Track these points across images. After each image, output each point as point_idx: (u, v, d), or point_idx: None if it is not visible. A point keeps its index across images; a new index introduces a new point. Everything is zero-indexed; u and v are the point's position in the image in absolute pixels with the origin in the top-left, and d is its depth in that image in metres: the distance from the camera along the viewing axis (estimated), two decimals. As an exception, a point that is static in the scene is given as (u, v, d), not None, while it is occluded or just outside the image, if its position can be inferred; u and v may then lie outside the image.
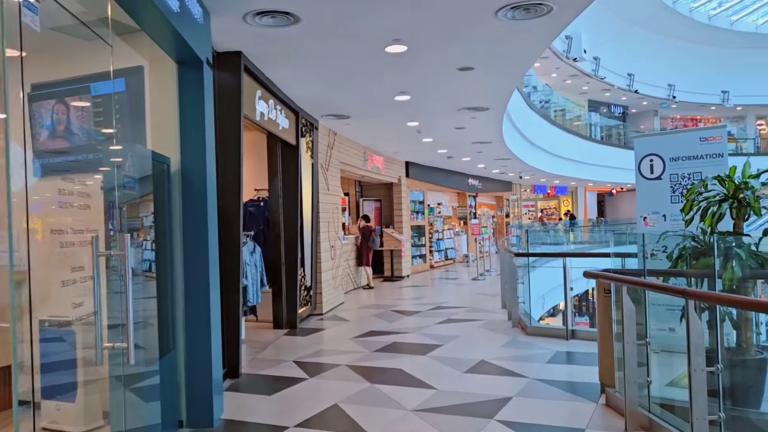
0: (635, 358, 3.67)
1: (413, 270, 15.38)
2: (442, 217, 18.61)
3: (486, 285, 12.49)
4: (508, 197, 25.31)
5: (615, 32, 23.57)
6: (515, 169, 18.14)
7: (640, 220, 5.55)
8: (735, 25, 27.37)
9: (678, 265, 4.07)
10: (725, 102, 29.39)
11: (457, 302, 9.73)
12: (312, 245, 8.43)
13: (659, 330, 4.16)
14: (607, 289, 4.26)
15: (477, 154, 13.82)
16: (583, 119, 26.26)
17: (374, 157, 12.31)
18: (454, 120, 9.02)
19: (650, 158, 5.46)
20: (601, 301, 4.36)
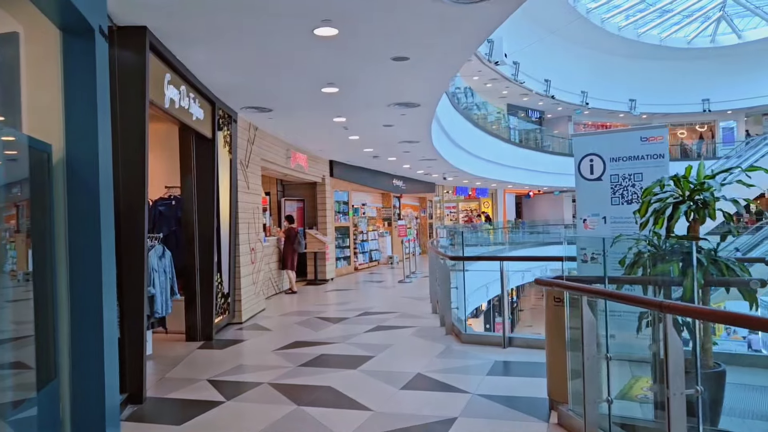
0: (596, 374, 3.35)
1: (338, 273, 14.86)
2: (366, 218, 18.21)
3: (413, 288, 12.17)
4: (431, 198, 25.31)
5: (533, 38, 24.12)
6: (440, 170, 18.04)
7: (580, 222, 5.33)
8: (642, 37, 28.83)
9: (632, 271, 3.81)
10: (632, 110, 30.92)
11: (385, 307, 9.31)
12: (230, 248, 7.73)
13: (616, 341, 3.90)
14: (558, 298, 3.95)
15: (403, 154, 13.51)
16: (503, 123, 26.75)
17: (297, 154, 11.69)
18: (383, 117, 8.60)
19: (590, 158, 5.25)
20: (551, 310, 4.04)
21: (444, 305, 7.17)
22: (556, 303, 3.97)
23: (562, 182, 28.58)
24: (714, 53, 29.74)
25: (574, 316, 3.62)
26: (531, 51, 24.39)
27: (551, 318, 4.03)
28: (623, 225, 5.07)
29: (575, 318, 3.55)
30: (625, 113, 31.06)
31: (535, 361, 5.31)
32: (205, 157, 6.90)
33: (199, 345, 6.63)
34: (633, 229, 5.05)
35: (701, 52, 29.84)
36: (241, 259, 8.21)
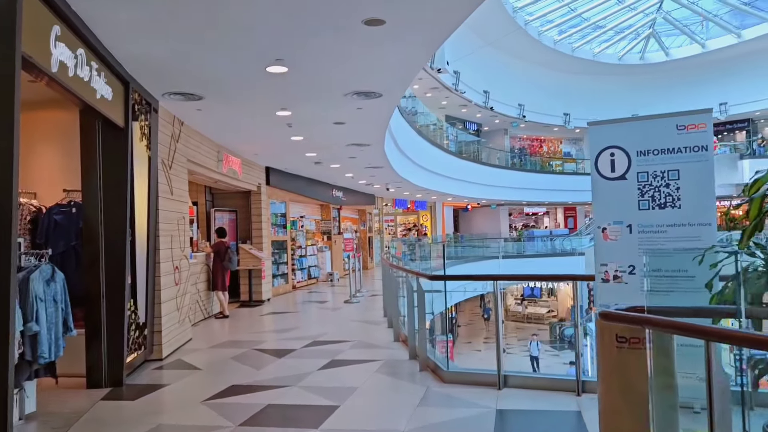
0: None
1: (274, 292, 13.36)
2: (304, 232, 16.80)
3: (362, 309, 10.91)
4: (371, 211, 24.17)
5: (472, 48, 23.65)
6: (384, 179, 16.93)
7: (598, 231, 4.29)
8: (576, 51, 29.09)
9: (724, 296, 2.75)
10: (567, 124, 31.14)
11: (336, 334, 7.99)
12: (148, 267, 6.22)
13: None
14: (624, 337, 2.83)
15: (349, 161, 12.28)
16: (444, 134, 26.06)
17: (231, 158, 10.22)
18: (337, 111, 7.35)
19: (611, 152, 4.23)
20: (611, 353, 2.91)
21: (413, 333, 5.96)
22: (620, 344, 2.85)
23: (500, 195, 28.26)
24: (643, 70, 30.46)
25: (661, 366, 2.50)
26: (470, 61, 23.93)
27: (612, 365, 2.90)
28: (655, 235, 4.07)
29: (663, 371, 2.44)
30: (560, 127, 31.28)
31: (545, 409, 4.21)
32: (115, 150, 5.40)
33: (105, 394, 5.09)
34: (669, 240, 4.06)
35: (631, 69, 30.50)
36: (163, 281, 6.69)
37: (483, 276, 6.76)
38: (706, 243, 3.90)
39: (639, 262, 4.13)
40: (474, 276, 6.31)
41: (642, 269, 4.09)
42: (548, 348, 25.31)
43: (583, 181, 31.41)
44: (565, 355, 23.61)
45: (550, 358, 23.21)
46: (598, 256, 4.29)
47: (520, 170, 29.69)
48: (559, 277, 4.76)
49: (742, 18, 26.06)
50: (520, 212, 36.17)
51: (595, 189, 4.32)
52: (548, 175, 30.81)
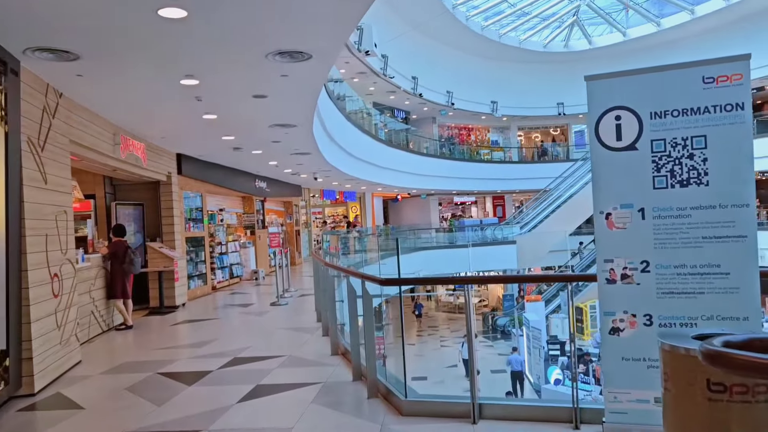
0: None
1: (191, 295, 11.85)
2: (225, 226, 15.26)
3: (291, 312, 9.67)
4: (297, 203, 22.78)
5: (398, 32, 22.70)
6: (312, 168, 15.66)
7: (599, 217, 3.32)
8: (503, 38, 28.78)
9: None
10: (494, 112, 30.88)
11: (263, 347, 6.74)
12: (9, 276, 4.74)
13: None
14: (720, 384, 1.83)
15: (273, 146, 10.93)
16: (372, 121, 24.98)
17: (131, 141, 8.67)
18: (256, 79, 6.07)
19: (616, 114, 3.26)
20: (697, 407, 1.90)
21: (357, 348, 4.84)
22: (716, 393, 1.84)
23: (430, 184, 27.58)
24: (567, 58, 30.62)
25: None
26: (399, 47, 22.98)
27: (699, 424, 1.89)
28: (676, 221, 3.14)
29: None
30: (487, 115, 30.98)
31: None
32: (-56, 122, 3.92)
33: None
34: (694, 227, 3.14)
35: (556, 56, 30.58)
36: (33, 293, 5.21)
37: (450, 279, 5.69)
38: (742, 230, 3.03)
39: (654, 256, 3.19)
40: (439, 279, 5.24)
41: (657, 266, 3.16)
42: (482, 339, 24.96)
43: (511, 169, 31.41)
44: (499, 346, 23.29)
45: (484, 349, 22.81)
46: (601, 249, 3.32)
47: (450, 159, 29.15)
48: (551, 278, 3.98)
49: (661, 6, 26.55)
50: (449, 202, 35.78)
51: (596, 163, 3.34)
52: (477, 164, 30.49)
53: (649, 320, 3.23)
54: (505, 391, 17.54)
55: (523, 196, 33.91)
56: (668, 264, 3.17)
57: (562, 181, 26.79)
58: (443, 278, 5.40)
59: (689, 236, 3.12)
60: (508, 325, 25.20)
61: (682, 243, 3.14)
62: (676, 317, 3.17)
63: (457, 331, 26.48)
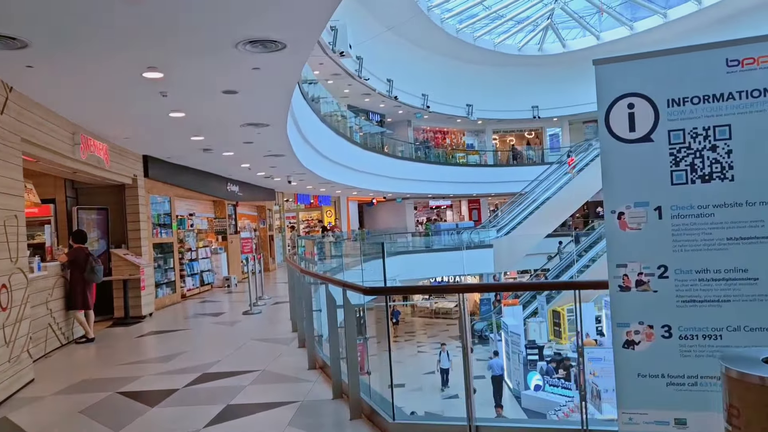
0: None
1: (159, 304, 11.27)
2: (195, 232, 14.68)
3: (265, 321, 9.21)
4: (271, 207, 22.22)
5: (373, 33, 22.39)
6: (285, 171, 15.18)
7: (611, 217, 2.98)
8: (478, 41, 28.69)
9: None
10: (470, 115, 30.76)
11: (235, 361, 6.28)
12: (-54, 291, 4.22)
13: None
14: None
15: (245, 148, 10.45)
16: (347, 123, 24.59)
17: (92, 141, 8.12)
18: (226, 70, 5.62)
19: (628, 101, 2.93)
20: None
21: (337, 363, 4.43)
22: None
23: (405, 188, 27.28)
24: (541, 61, 30.70)
25: None
26: (374, 49, 22.66)
27: None
28: (697, 221, 2.81)
29: None
30: (463, 118, 30.85)
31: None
32: None
33: None
34: (717, 227, 2.82)
35: (530, 60, 30.62)
36: (-24, 307, 4.68)
37: (443, 288, 5.22)
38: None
39: (673, 260, 2.87)
40: (431, 288, 4.81)
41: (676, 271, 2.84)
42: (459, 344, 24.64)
43: (487, 172, 31.28)
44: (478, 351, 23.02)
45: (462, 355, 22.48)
46: (612, 253, 2.98)
47: (425, 162, 28.90)
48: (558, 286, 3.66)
49: (634, 10, 26.75)
50: (425, 206, 35.55)
51: (607, 156, 3.00)
52: (452, 167, 30.31)
53: (668, 332, 2.90)
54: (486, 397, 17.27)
55: (499, 200, 33.86)
56: (689, 269, 2.84)
57: (538, 184, 26.76)
58: (435, 287, 4.98)
59: (712, 237, 2.80)
60: (486, 330, 24.97)
61: (705, 245, 2.81)
62: (698, 328, 2.85)
63: (434, 337, 26.16)
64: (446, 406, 15.99)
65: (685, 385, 2.88)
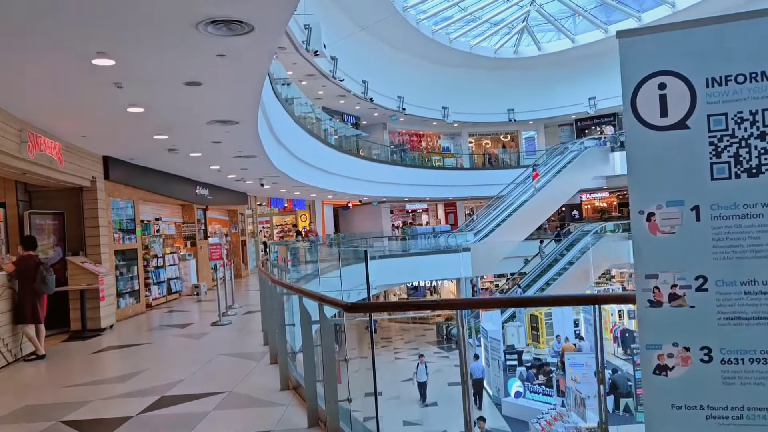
0: None
1: (121, 315, 10.55)
2: (162, 237, 13.95)
3: (236, 333, 8.60)
4: (243, 211, 21.50)
5: (347, 33, 21.90)
6: (257, 173, 14.55)
7: (638, 218, 2.51)
8: (453, 43, 28.40)
9: None
10: (446, 117, 30.46)
11: (199, 380, 5.68)
12: None
13: None
14: None
15: (213, 147, 9.83)
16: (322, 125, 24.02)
17: (42, 139, 7.43)
18: (187, 56, 5.04)
19: (659, 81, 2.47)
20: None
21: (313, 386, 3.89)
22: None
23: (381, 191, 26.81)
24: (517, 64, 30.57)
25: None
26: (348, 49, 22.17)
27: None
28: (743, 222, 2.36)
29: None
30: (439, 121, 30.53)
31: None
32: None
33: None
34: (766, 229, 2.39)
35: (506, 62, 30.46)
36: None
37: (437, 303, 4.54)
38: (831, 232, 2.28)
39: (713, 270, 2.41)
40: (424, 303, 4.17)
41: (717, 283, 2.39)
42: (436, 350, 24.30)
43: (463, 176, 30.96)
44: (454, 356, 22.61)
45: (439, 361, 22.11)
46: (640, 261, 2.51)
47: (401, 165, 28.47)
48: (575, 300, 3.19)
49: (608, 13, 26.76)
50: (401, 209, 35.13)
51: (633, 147, 2.52)
52: (429, 171, 29.95)
53: (708, 355, 2.44)
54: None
55: (475, 203, 33.62)
56: (732, 280, 2.38)
57: (515, 187, 26.56)
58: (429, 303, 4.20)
59: (761, 242, 2.34)
60: (463, 335, 24.52)
61: (752, 251, 2.36)
62: (744, 350, 2.39)
63: (411, 342, 25.72)
64: (424, 416, 15.52)
65: (729, 419, 2.43)
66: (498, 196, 26.50)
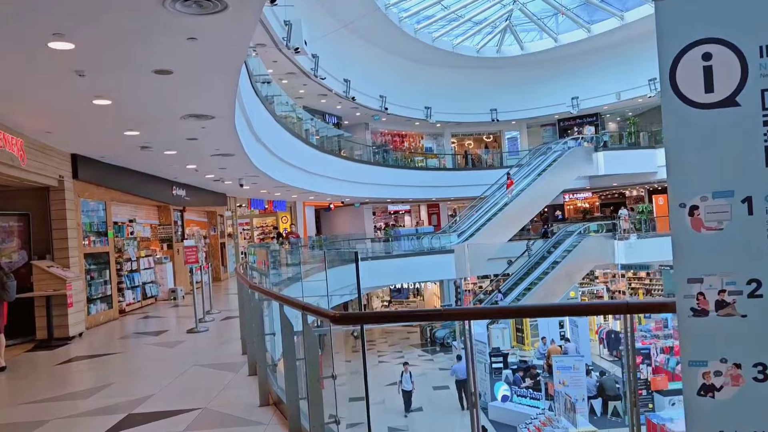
0: None
1: (92, 322, 10.00)
2: (136, 240, 13.38)
3: (213, 341, 8.12)
4: (222, 213, 20.93)
5: (328, 30, 21.45)
6: (237, 172, 14.04)
7: (678, 212, 2.14)
8: (436, 42, 28.11)
9: None
10: (428, 117, 30.15)
11: (171, 394, 5.21)
12: None
13: None
14: None
15: (188, 144, 9.33)
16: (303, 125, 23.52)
17: (3, 135, 6.89)
18: (155, 43, 4.59)
19: (703, 51, 2.10)
20: None
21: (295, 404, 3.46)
22: None
23: (364, 192, 26.39)
24: (500, 63, 30.39)
25: None
26: (329, 47, 21.73)
27: None
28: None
29: None
30: (421, 121, 30.20)
31: None
32: None
33: None
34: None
35: (489, 62, 30.26)
36: None
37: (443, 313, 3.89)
38: None
39: (769, 272, 2.05)
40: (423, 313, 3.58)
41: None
42: (421, 352, 23.97)
43: (446, 176, 30.63)
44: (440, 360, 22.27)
45: (424, 364, 21.77)
46: (681, 262, 2.14)
47: (384, 166, 28.06)
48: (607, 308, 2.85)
49: (591, 13, 26.66)
50: (383, 211, 34.75)
51: (672, 127, 2.15)
52: (411, 171, 29.59)
53: (763, 372, 2.07)
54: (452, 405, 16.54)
55: (458, 204, 33.37)
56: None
57: (498, 188, 26.32)
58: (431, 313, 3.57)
59: None
60: (448, 337, 24.28)
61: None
62: (806, 367, 2.03)
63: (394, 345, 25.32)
64: (410, 421, 15.13)
65: (788, 447, 2.08)
66: (481, 197, 26.24)
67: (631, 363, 2.20)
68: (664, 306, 2.37)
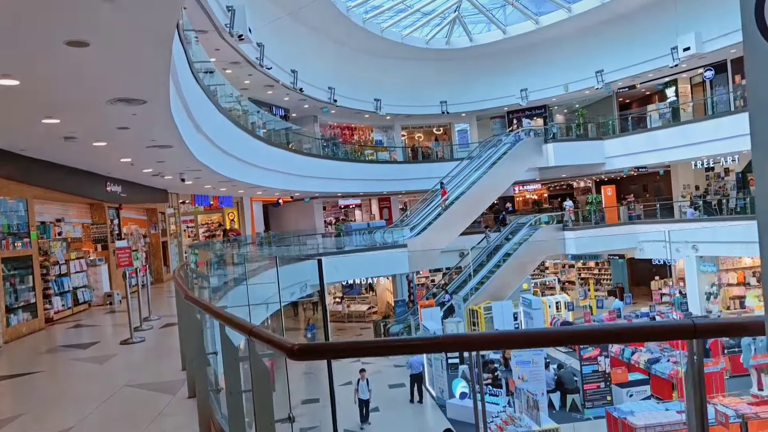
0: None
1: (13, 334, 8.92)
2: (66, 241, 12.22)
3: (150, 355, 7.26)
4: (164, 210, 19.72)
5: (272, 17, 20.51)
6: (177, 166, 13.03)
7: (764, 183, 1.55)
8: (385, 32, 27.52)
9: None
10: (378, 110, 29.54)
11: (93, 426, 4.40)
12: None
13: None
14: None
15: (119, 135, 8.36)
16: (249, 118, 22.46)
17: None
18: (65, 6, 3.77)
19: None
20: None
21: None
22: None
23: (314, 187, 25.58)
24: (449, 55, 30.08)
25: None
26: (276, 36, 20.79)
27: None
28: None
29: None
30: (371, 113, 29.57)
31: None
32: None
33: None
34: None
35: (438, 54, 29.90)
36: None
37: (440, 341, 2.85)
38: None
39: None
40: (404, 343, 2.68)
41: None
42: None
43: (397, 169, 30.09)
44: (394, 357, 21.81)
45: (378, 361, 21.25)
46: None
47: (334, 159, 27.29)
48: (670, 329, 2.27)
49: (539, 4, 26.63)
50: (333, 205, 33.97)
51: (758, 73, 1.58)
52: (362, 165, 28.96)
53: None
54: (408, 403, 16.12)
55: (409, 197, 32.98)
56: None
57: (449, 180, 26.03)
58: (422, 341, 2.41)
59: None
60: (403, 333, 23.85)
61: None
62: None
63: (348, 343, 24.70)
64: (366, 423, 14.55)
65: None
66: (432, 190, 25.91)
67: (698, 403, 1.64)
68: (743, 327, 1.77)
